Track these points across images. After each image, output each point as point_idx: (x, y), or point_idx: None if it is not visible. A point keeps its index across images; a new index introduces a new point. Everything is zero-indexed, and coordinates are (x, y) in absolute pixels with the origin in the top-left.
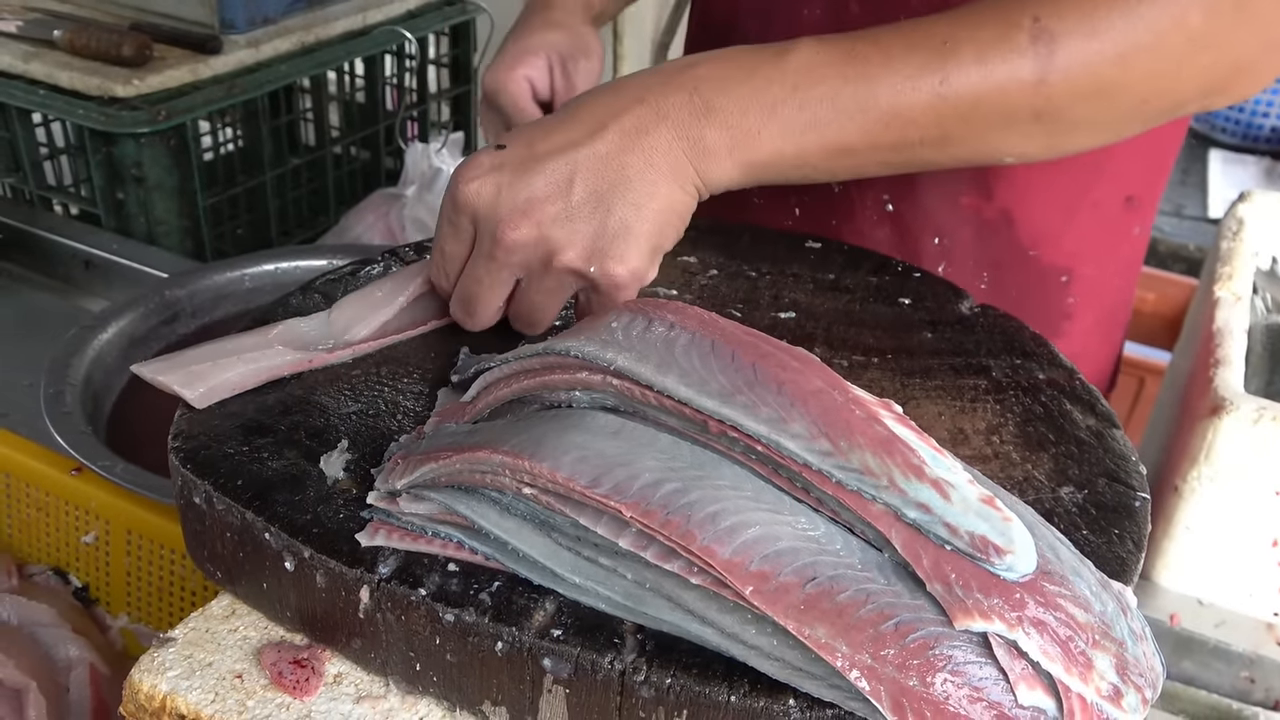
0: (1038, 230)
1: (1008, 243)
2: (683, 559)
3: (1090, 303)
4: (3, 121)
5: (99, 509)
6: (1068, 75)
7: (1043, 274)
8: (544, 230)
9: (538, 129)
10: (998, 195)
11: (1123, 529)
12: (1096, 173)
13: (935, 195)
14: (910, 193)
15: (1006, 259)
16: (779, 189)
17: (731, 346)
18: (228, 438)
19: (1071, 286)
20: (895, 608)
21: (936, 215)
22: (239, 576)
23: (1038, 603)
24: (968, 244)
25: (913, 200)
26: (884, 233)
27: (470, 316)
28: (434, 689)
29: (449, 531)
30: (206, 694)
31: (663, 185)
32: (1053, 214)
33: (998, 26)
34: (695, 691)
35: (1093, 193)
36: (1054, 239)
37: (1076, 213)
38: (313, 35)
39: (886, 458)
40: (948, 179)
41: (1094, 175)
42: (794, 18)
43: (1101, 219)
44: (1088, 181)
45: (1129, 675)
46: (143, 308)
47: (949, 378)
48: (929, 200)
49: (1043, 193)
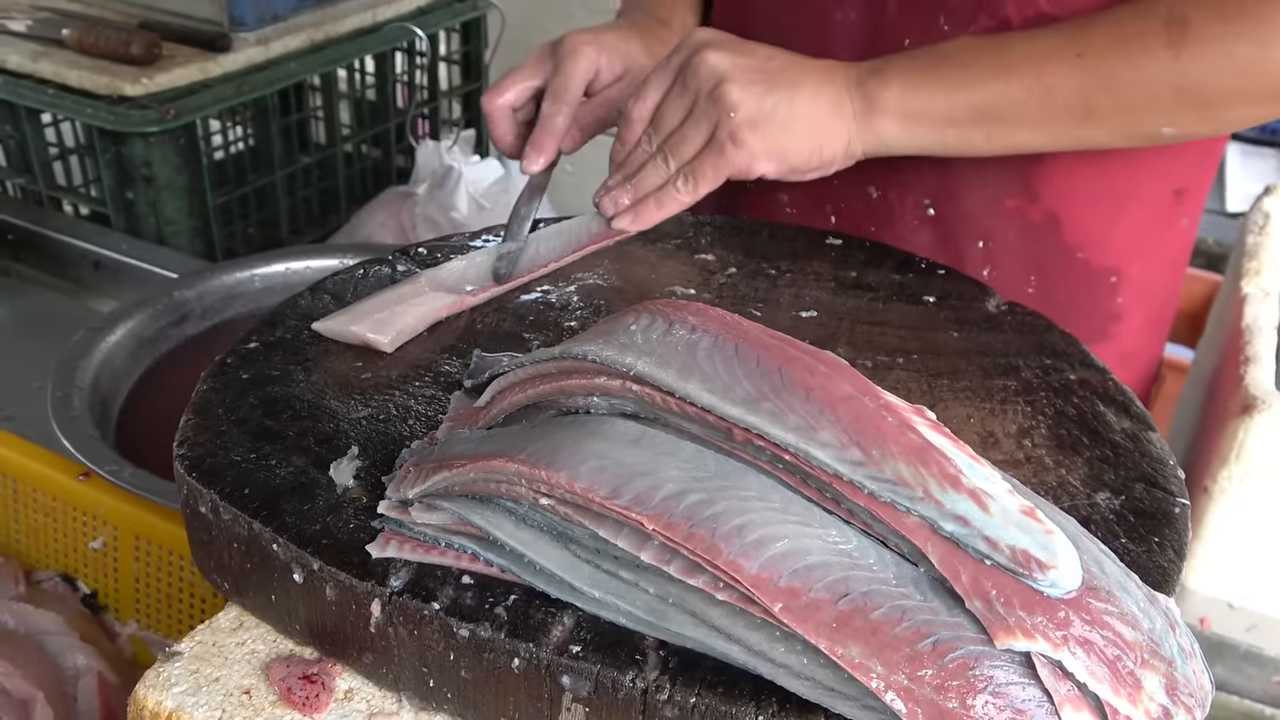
0: (1085, 231)
1: (1054, 245)
2: (708, 574)
3: (1139, 302)
4: (12, 121)
5: (107, 514)
6: (1200, 51)
7: (1091, 276)
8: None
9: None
10: (1044, 197)
11: (1163, 536)
12: (1145, 168)
13: (978, 198)
14: (952, 196)
15: (1053, 262)
16: (814, 195)
17: (756, 351)
18: (235, 444)
19: (1120, 287)
20: (932, 625)
21: (980, 219)
22: (247, 588)
23: (1083, 620)
24: (1013, 247)
25: (955, 204)
26: (925, 237)
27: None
28: (448, 706)
29: (463, 543)
30: (213, 710)
31: (822, 113)
32: (1100, 213)
33: (1133, 14)
34: (721, 711)
35: (1142, 189)
36: (1102, 239)
37: (1124, 210)
38: (323, 32)
39: (921, 467)
40: (991, 180)
41: (1143, 171)
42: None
43: (1150, 215)
44: (1136, 178)
45: (1179, 695)
46: (151, 308)
47: (977, 379)
48: (972, 203)
49: (1089, 192)
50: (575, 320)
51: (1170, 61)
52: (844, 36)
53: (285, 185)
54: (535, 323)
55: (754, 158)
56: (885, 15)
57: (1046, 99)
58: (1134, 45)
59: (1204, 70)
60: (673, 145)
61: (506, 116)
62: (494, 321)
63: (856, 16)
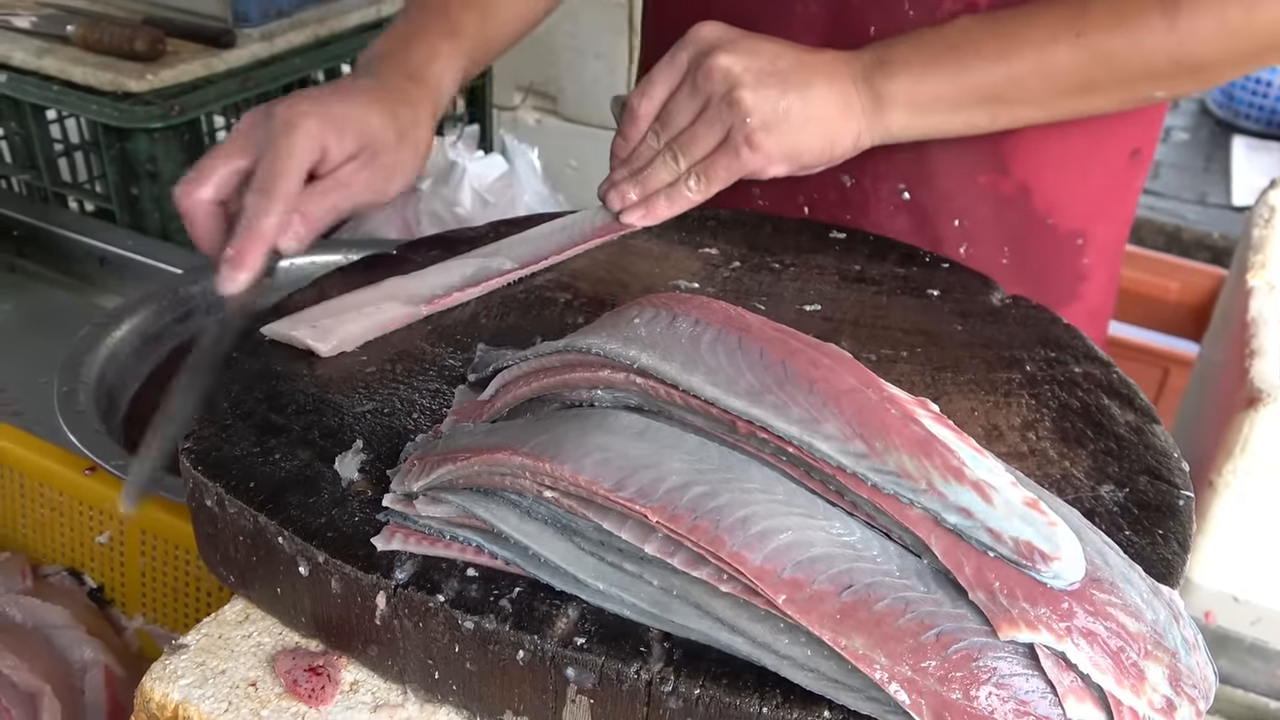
0: (1053, 197)
1: (1025, 214)
2: (711, 565)
3: (1102, 261)
4: (17, 118)
5: (113, 509)
6: (1194, 20)
7: (1060, 240)
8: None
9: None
10: (1014, 169)
11: (1167, 529)
12: (1105, 131)
13: (952, 177)
14: (927, 178)
15: (1025, 230)
16: (784, 187)
17: (759, 343)
18: (240, 438)
19: (1086, 248)
20: (936, 617)
21: (955, 197)
22: (252, 581)
23: (1087, 612)
24: (987, 222)
25: (930, 187)
26: (902, 222)
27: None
28: (453, 698)
29: (468, 535)
30: (220, 703)
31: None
32: (1066, 178)
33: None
34: (725, 703)
35: (1102, 152)
36: (1068, 203)
37: (1088, 174)
38: (326, 28)
39: (924, 459)
40: (964, 159)
41: (1103, 133)
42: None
43: (1110, 176)
44: (1098, 140)
45: (1182, 687)
46: (156, 304)
47: (981, 371)
48: (946, 183)
49: (1057, 160)
50: (579, 315)
51: (1166, 33)
52: (806, 27)
53: None
54: (539, 317)
55: (770, 160)
56: (848, 5)
57: (1050, 79)
58: (1133, 20)
59: (1198, 38)
60: (683, 144)
61: (208, 215)
62: (498, 316)
63: (818, 8)
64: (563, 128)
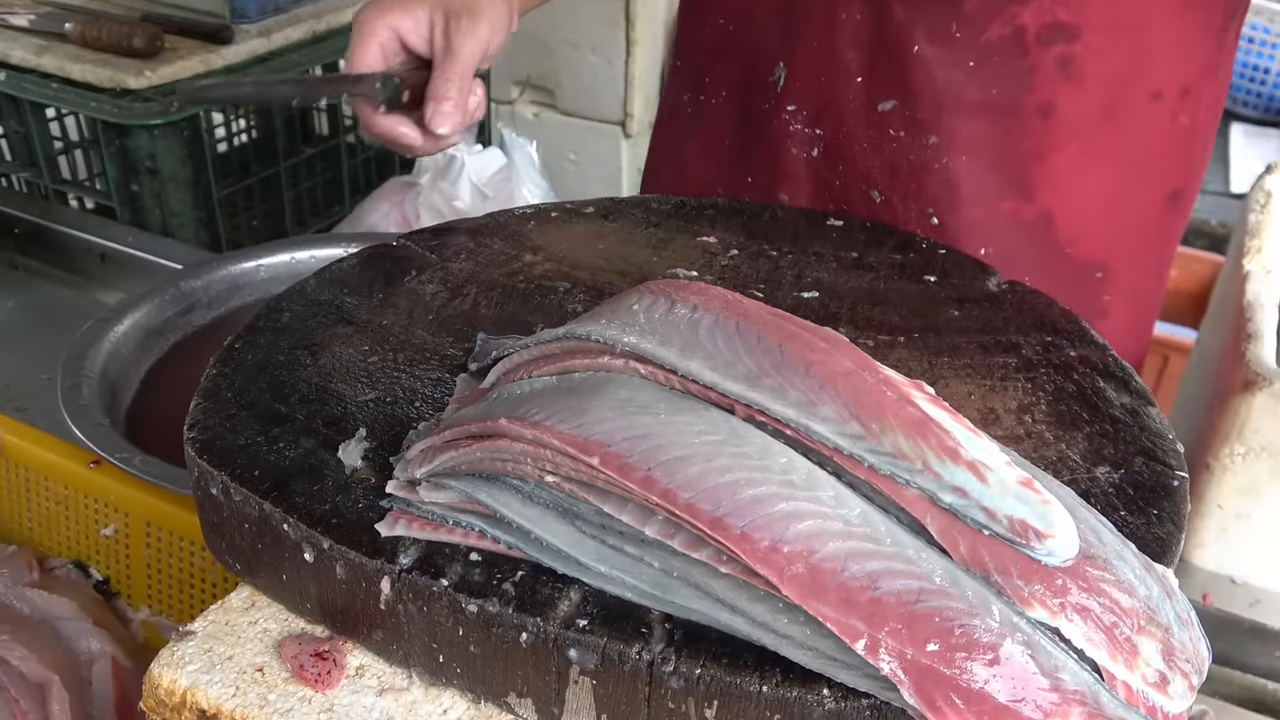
0: (1075, 227)
1: (1045, 242)
2: (711, 547)
3: (1126, 301)
4: (17, 116)
5: (118, 501)
6: None
7: (1079, 271)
8: None
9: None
10: (1040, 197)
11: (1162, 509)
12: (1141, 166)
13: (979, 204)
14: (954, 205)
15: (1044, 258)
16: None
17: (757, 328)
18: (244, 427)
19: (1107, 283)
20: (930, 594)
21: (980, 224)
22: (258, 568)
23: (1080, 588)
24: (1012, 250)
25: (957, 213)
26: None
27: None
28: (458, 681)
29: (470, 520)
30: (227, 688)
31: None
32: (1092, 210)
33: None
34: (726, 682)
35: (1135, 188)
36: (1090, 235)
37: (1116, 208)
38: (324, 23)
39: (920, 440)
40: (992, 185)
41: (1138, 169)
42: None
43: (1141, 215)
44: (1131, 176)
45: (1175, 661)
46: (158, 299)
47: (978, 356)
48: (972, 210)
49: (1083, 189)
50: (579, 303)
51: None
52: (850, 39)
53: (289, 176)
54: (539, 306)
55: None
56: (892, 18)
57: None
58: None
59: None
60: None
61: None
62: (498, 304)
63: (862, 18)
64: (560, 121)
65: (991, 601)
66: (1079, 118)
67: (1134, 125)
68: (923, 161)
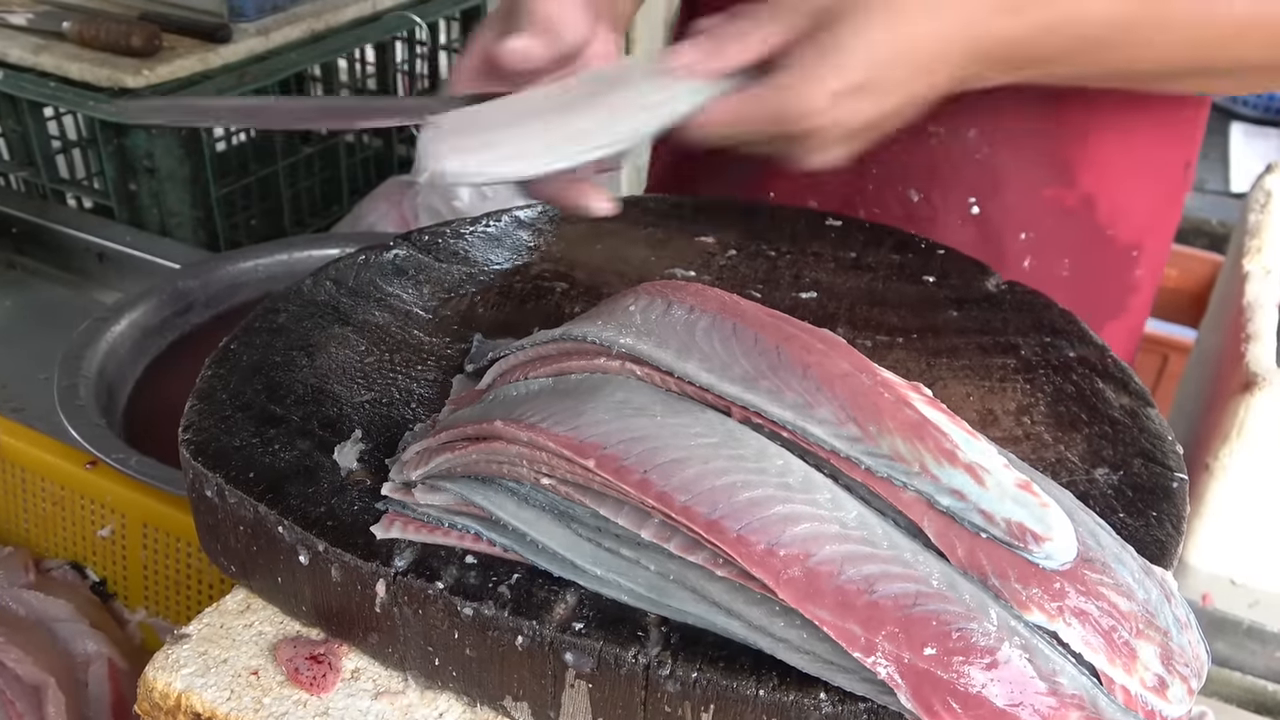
0: (1115, 208)
1: (1088, 226)
2: (708, 550)
3: (1151, 274)
4: (14, 115)
5: (115, 502)
6: None
7: (1117, 252)
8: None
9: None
10: (1081, 181)
11: (1161, 511)
12: (1166, 139)
13: (1018, 190)
14: (996, 192)
15: (1086, 243)
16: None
17: (754, 329)
18: (239, 429)
19: (1140, 260)
20: (928, 597)
21: (1020, 210)
22: (253, 571)
23: (1078, 591)
24: (1051, 235)
25: (998, 200)
26: (968, 235)
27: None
28: (454, 684)
29: (466, 523)
30: (222, 691)
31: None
32: (1129, 189)
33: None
34: (722, 685)
35: (1163, 161)
36: (1128, 214)
37: (1148, 184)
38: (323, 22)
39: (918, 443)
40: (1033, 171)
41: (1164, 142)
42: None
43: (1165, 188)
44: (1159, 150)
45: (1174, 665)
46: (156, 299)
47: (976, 357)
48: (1013, 197)
49: (1123, 170)
50: (576, 304)
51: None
52: None
53: (288, 176)
54: (536, 307)
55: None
56: None
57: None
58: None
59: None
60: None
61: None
62: (495, 305)
63: None
64: None
65: (989, 605)
66: (1114, 94)
67: (1156, 97)
68: (964, 154)
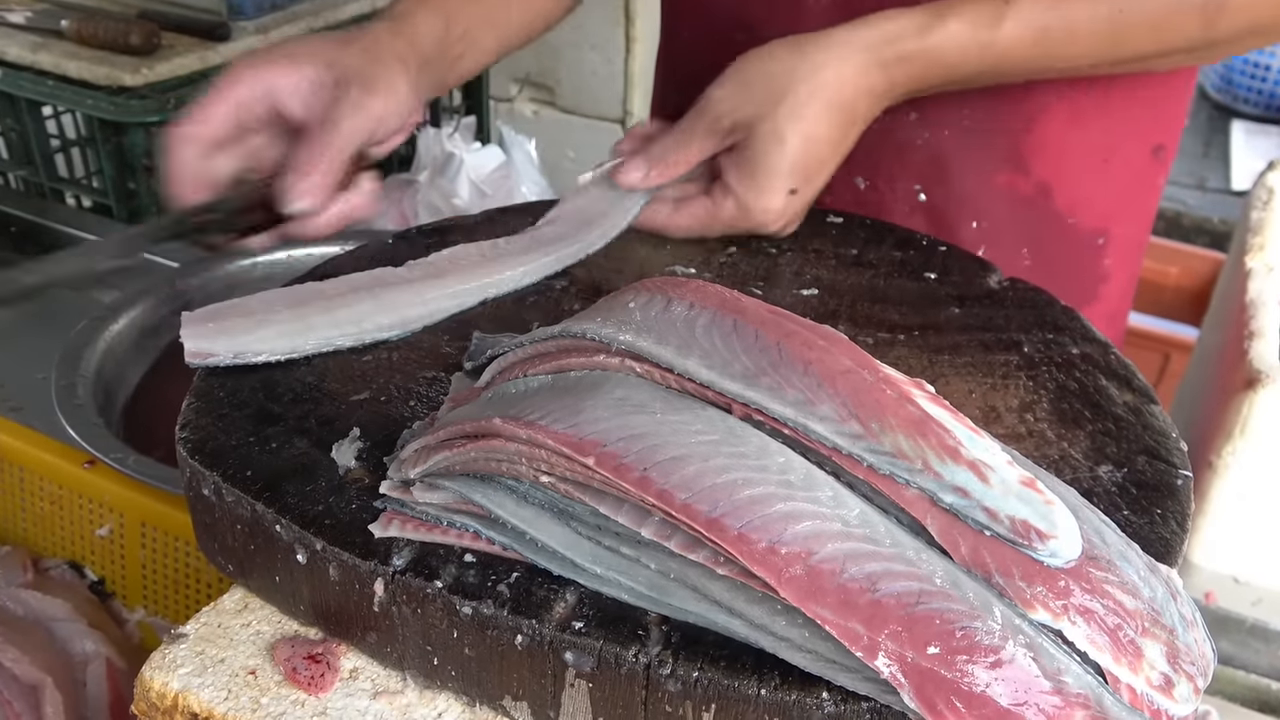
0: (1074, 196)
1: (1046, 214)
2: (708, 548)
3: (1123, 261)
4: (13, 114)
5: (113, 502)
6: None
7: (1081, 240)
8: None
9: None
10: (1034, 167)
11: (1165, 508)
12: (1126, 125)
13: (970, 178)
14: (943, 179)
15: (1046, 231)
16: None
17: (755, 326)
18: (236, 427)
19: (1107, 248)
20: (931, 596)
21: (972, 198)
22: (251, 570)
23: (1084, 589)
24: (1005, 223)
25: (946, 187)
26: (918, 223)
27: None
28: (453, 683)
29: (465, 521)
30: (219, 691)
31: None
32: (1087, 176)
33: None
34: (724, 685)
35: (1123, 148)
36: (1089, 202)
37: (1109, 172)
38: (321, 20)
39: (920, 439)
40: (981, 159)
41: (1124, 128)
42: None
43: (1132, 174)
44: (1118, 137)
45: (1180, 664)
46: (154, 298)
47: (979, 354)
48: (963, 184)
49: (1077, 156)
50: (575, 301)
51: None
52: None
53: None
54: (535, 303)
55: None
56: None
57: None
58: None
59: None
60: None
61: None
62: (494, 302)
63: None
64: (560, 119)
65: (993, 603)
66: (1056, 81)
67: (1113, 82)
68: (905, 140)
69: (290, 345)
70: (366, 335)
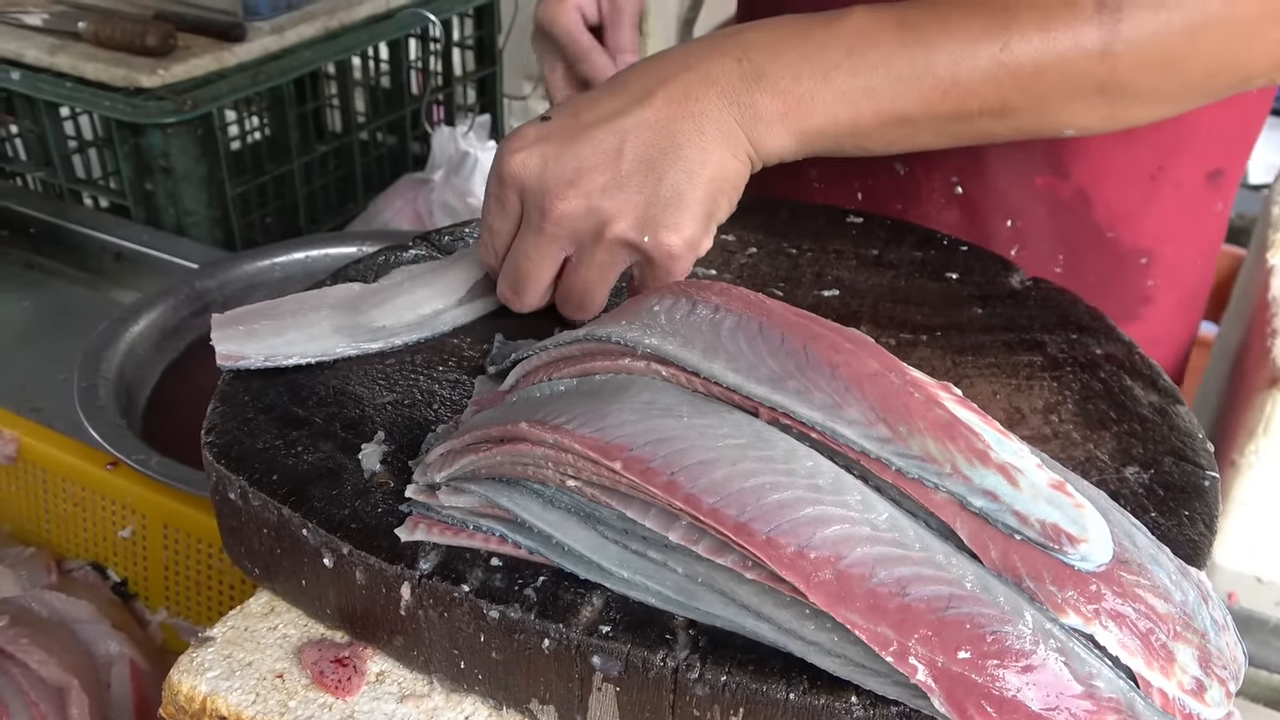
0: (1116, 210)
1: (1084, 224)
2: (736, 553)
3: (1171, 285)
4: (31, 115)
5: (135, 503)
6: (1133, 45)
7: (1122, 256)
8: (593, 200)
9: (584, 100)
10: (1074, 174)
11: (1193, 510)
12: (1177, 148)
13: (1007, 176)
14: (980, 174)
15: (1083, 241)
16: (841, 172)
17: (780, 328)
18: (262, 431)
19: (1151, 269)
20: (961, 600)
21: (1009, 196)
22: (277, 573)
23: (1115, 594)
24: (1042, 226)
25: (982, 181)
26: (952, 216)
27: (518, 296)
28: (480, 687)
29: (491, 525)
30: (247, 694)
31: (714, 151)
32: (1132, 192)
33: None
34: (752, 689)
35: (1173, 170)
36: (1133, 219)
37: (1157, 191)
38: (336, 20)
39: (949, 443)
40: (1020, 158)
41: (1175, 151)
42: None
43: (1184, 197)
44: (1168, 158)
45: (1212, 668)
46: (174, 299)
47: (1002, 355)
48: (1000, 181)
49: (1121, 170)
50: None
51: (1100, 58)
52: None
53: (303, 174)
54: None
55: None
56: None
57: (962, 102)
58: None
59: (1131, 67)
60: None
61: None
62: None
63: None
64: None
65: (1024, 608)
66: None
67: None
68: None
69: (321, 348)
70: (398, 338)
